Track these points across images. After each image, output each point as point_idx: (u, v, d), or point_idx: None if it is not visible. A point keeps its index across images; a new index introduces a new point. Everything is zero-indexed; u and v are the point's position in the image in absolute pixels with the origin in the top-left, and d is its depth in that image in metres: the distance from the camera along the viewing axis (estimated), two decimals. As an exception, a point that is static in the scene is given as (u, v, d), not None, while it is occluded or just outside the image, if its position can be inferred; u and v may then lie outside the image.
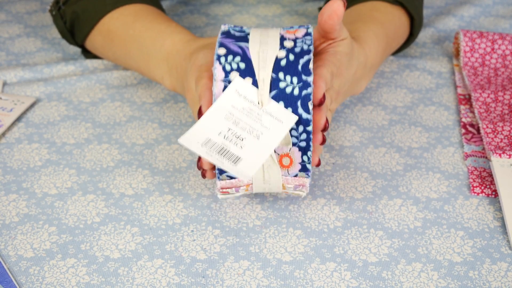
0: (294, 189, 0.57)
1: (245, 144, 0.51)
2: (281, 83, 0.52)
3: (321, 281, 0.55)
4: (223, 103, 0.52)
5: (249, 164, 0.50)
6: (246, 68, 0.53)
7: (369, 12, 0.75)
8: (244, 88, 0.52)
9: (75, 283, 0.55)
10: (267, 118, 0.52)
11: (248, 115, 0.52)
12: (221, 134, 0.51)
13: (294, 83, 0.52)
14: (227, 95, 0.52)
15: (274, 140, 0.51)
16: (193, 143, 0.50)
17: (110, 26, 0.75)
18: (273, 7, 0.98)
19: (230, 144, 0.51)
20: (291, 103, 0.52)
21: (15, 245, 0.58)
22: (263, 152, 0.51)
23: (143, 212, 0.62)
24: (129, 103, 0.77)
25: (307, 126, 0.52)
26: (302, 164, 0.54)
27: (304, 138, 0.53)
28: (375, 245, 0.58)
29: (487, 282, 0.55)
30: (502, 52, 0.81)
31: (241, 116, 0.52)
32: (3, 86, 0.79)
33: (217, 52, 0.53)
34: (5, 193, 0.64)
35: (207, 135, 0.51)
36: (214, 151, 0.50)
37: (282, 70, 0.52)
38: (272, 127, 0.51)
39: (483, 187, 0.64)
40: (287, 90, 0.52)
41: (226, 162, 0.50)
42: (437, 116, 0.75)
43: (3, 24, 0.93)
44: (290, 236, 0.59)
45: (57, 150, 0.69)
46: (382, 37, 0.71)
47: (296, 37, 0.55)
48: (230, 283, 0.55)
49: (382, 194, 0.64)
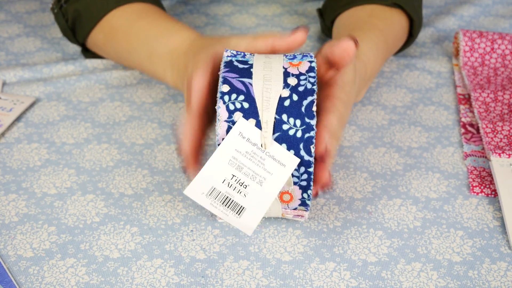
0: (292, 217, 0.57)
1: (248, 191, 0.52)
2: (284, 125, 0.52)
3: (321, 280, 0.55)
4: (227, 147, 0.52)
5: (252, 214, 0.52)
6: (250, 108, 0.52)
7: (368, 18, 0.74)
8: (247, 130, 0.52)
9: (74, 283, 0.55)
10: (270, 162, 0.52)
11: (252, 159, 0.52)
12: (225, 182, 0.52)
13: (297, 125, 0.52)
14: (231, 138, 0.52)
15: (276, 186, 0.52)
16: (198, 194, 0.52)
17: (113, 23, 0.75)
18: (272, 6, 0.98)
19: (234, 192, 0.52)
20: (294, 145, 0.52)
21: (14, 245, 0.58)
22: (266, 200, 0.52)
23: (143, 212, 0.62)
24: (129, 103, 0.77)
25: (309, 167, 0.52)
26: (302, 200, 0.55)
27: (305, 178, 0.53)
28: (375, 245, 0.58)
29: (487, 281, 0.55)
30: (502, 52, 0.81)
31: (245, 161, 0.52)
32: (3, 86, 0.79)
33: (220, 90, 0.53)
34: (5, 193, 0.64)
35: (211, 183, 0.52)
36: (218, 202, 0.52)
37: (286, 112, 0.52)
38: (274, 171, 0.52)
39: (483, 186, 0.64)
40: (290, 133, 0.52)
41: (231, 214, 0.51)
42: (436, 116, 0.75)
43: (3, 24, 0.93)
44: (289, 236, 0.59)
45: (57, 150, 0.69)
46: (381, 45, 0.71)
47: (299, 72, 0.54)
48: (229, 283, 0.55)
49: (381, 194, 0.64)
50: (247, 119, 0.52)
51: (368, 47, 0.68)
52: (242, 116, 0.52)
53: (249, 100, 0.52)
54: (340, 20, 0.78)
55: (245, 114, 0.52)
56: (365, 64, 0.66)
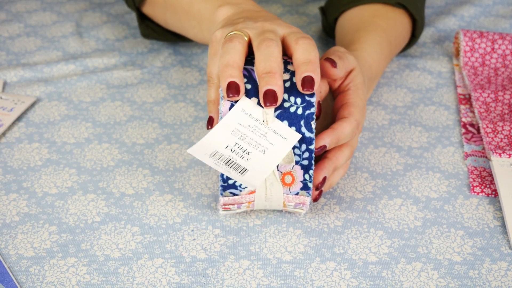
0: (294, 207, 0.58)
1: (251, 157, 0.53)
2: (285, 103, 0.54)
3: (321, 280, 0.55)
4: (229, 120, 0.54)
5: (255, 175, 0.52)
6: (252, 89, 0.54)
7: (372, 18, 0.75)
8: (250, 107, 0.54)
9: (75, 282, 0.55)
10: (272, 135, 0.53)
11: (254, 131, 0.54)
12: (228, 148, 0.53)
13: (298, 103, 0.54)
14: (234, 113, 0.54)
15: (278, 155, 0.53)
16: (201, 154, 0.52)
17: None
18: (273, 6, 0.98)
19: (237, 157, 0.53)
20: (295, 122, 0.54)
21: (15, 245, 0.58)
22: (268, 165, 0.53)
23: (144, 212, 0.62)
24: (130, 103, 0.77)
25: (310, 145, 0.54)
26: (304, 182, 0.55)
27: (306, 157, 0.54)
28: (375, 244, 0.58)
29: (487, 281, 0.55)
30: (502, 52, 0.81)
31: (247, 133, 0.53)
32: (4, 85, 0.79)
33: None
34: (6, 192, 0.64)
35: (214, 147, 0.53)
36: (221, 162, 0.52)
37: (286, 92, 0.54)
38: (276, 143, 0.53)
39: (483, 186, 0.64)
40: (291, 110, 0.54)
41: (233, 172, 0.52)
42: (437, 116, 0.75)
43: (3, 24, 0.93)
44: (290, 236, 0.59)
45: (58, 149, 0.69)
46: (385, 45, 0.72)
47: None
48: (230, 283, 0.55)
49: (382, 194, 0.64)
50: (250, 98, 0.54)
51: (372, 47, 0.69)
52: (244, 95, 0.54)
53: (251, 82, 0.54)
54: (343, 20, 0.79)
55: (248, 93, 0.54)
56: (370, 64, 0.67)
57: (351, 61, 0.60)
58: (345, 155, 0.58)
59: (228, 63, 0.54)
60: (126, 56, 0.85)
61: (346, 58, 0.59)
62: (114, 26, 0.92)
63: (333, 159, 0.57)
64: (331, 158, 0.57)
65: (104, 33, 0.90)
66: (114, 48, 0.87)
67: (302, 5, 0.98)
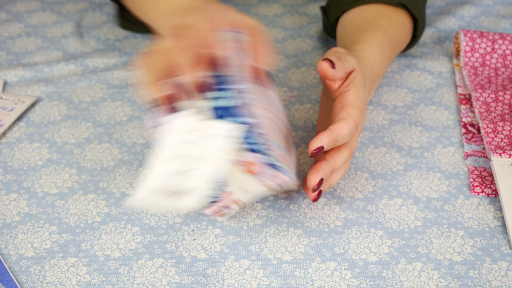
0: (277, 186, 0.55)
1: (195, 174, 0.51)
2: (218, 101, 0.53)
3: (322, 280, 0.55)
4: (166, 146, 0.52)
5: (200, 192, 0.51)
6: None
7: (374, 19, 0.75)
8: (183, 119, 0.53)
9: (75, 282, 0.55)
10: (210, 141, 0.52)
11: (191, 145, 0.52)
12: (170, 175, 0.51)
13: (228, 96, 0.53)
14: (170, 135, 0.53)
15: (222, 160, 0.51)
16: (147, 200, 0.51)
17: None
18: (273, 6, 0.98)
19: (181, 181, 0.51)
20: (230, 114, 0.52)
21: (16, 244, 0.58)
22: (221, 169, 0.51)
23: (144, 211, 0.62)
24: (130, 103, 0.77)
25: (255, 129, 0.52)
26: (269, 164, 0.53)
27: (253, 142, 0.52)
28: (376, 244, 0.59)
29: (487, 281, 0.55)
30: (503, 52, 0.81)
31: (185, 150, 0.52)
32: (4, 85, 0.79)
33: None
34: (6, 192, 0.64)
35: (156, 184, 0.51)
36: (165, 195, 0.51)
37: (207, 90, 0.53)
38: (217, 147, 0.52)
39: (484, 186, 0.64)
40: (223, 104, 0.52)
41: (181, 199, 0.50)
42: (437, 116, 0.75)
43: (4, 24, 0.93)
44: (290, 236, 0.59)
45: (58, 149, 0.69)
46: (386, 46, 0.71)
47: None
48: (230, 282, 0.55)
49: (382, 193, 0.64)
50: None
51: (374, 48, 0.69)
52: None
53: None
54: (345, 20, 0.79)
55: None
56: (371, 64, 0.67)
57: (350, 62, 0.60)
58: (343, 156, 0.57)
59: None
60: (126, 56, 0.85)
61: (345, 59, 0.59)
62: (114, 26, 0.92)
63: (330, 160, 0.56)
64: (329, 159, 0.56)
65: (104, 33, 0.91)
66: (114, 48, 0.87)
67: (303, 5, 0.98)
